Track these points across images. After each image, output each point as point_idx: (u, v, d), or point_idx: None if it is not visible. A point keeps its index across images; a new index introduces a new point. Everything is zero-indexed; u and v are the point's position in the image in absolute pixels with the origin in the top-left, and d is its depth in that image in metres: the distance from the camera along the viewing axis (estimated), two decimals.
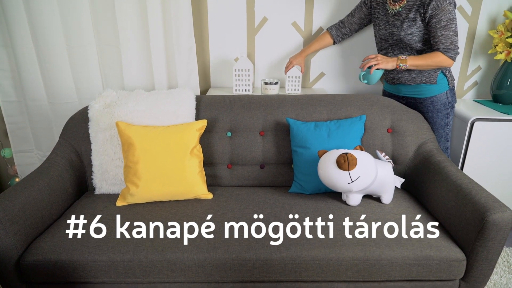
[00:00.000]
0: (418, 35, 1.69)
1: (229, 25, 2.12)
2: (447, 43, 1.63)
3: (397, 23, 1.72)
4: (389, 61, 1.69)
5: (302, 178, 1.66)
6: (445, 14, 1.59)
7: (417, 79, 1.78)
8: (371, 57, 1.71)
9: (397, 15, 1.72)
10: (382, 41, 1.84)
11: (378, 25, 1.82)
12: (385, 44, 1.82)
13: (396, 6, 1.71)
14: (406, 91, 1.86)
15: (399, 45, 1.76)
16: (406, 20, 1.68)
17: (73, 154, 1.70)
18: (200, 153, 1.64)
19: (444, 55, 1.65)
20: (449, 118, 1.83)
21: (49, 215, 1.45)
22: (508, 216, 1.25)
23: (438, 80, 1.76)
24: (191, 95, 1.76)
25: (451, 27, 1.61)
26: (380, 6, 1.81)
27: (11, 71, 2.02)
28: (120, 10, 1.86)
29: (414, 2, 1.66)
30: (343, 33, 1.98)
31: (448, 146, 1.88)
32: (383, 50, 1.85)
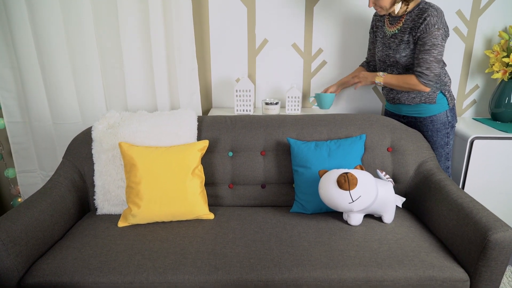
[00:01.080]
0: (412, 57, 1.72)
1: (231, 46, 2.17)
2: (424, 67, 1.65)
3: (393, 45, 1.77)
4: (368, 77, 1.86)
5: (303, 197, 1.66)
6: (431, 39, 1.62)
7: (416, 99, 1.80)
8: (355, 77, 1.91)
9: (393, 37, 1.76)
10: (380, 63, 1.88)
11: (378, 47, 1.87)
12: (383, 66, 1.86)
13: (393, 29, 1.76)
14: (406, 111, 1.88)
15: (396, 66, 1.80)
16: (402, 43, 1.72)
17: (76, 175, 1.72)
18: (201, 173, 1.65)
19: (417, 79, 1.69)
20: (449, 137, 1.84)
21: (51, 236, 1.46)
22: (510, 235, 1.25)
23: (437, 99, 1.78)
24: (193, 115, 1.78)
25: (433, 52, 1.63)
26: (379, 29, 1.86)
27: (17, 93, 2.07)
28: (124, 33, 1.92)
29: (408, 25, 1.70)
30: (373, 66, 2.05)
31: (449, 166, 1.89)
32: (382, 71, 1.89)
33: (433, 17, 1.61)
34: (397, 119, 1.96)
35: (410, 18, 1.69)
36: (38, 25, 1.87)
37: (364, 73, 1.87)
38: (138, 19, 1.92)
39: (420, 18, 1.64)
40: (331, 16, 2.10)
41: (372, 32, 1.94)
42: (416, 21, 1.66)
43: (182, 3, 1.89)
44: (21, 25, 1.86)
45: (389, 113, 2.02)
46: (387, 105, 2.03)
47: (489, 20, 2.10)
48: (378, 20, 1.88)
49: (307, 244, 1.42)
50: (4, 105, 2.07)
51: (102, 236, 1.48)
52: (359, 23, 2.11)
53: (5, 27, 1.92)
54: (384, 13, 1.74)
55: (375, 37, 1.92)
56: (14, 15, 1.84)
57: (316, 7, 2.09)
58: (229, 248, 1.40)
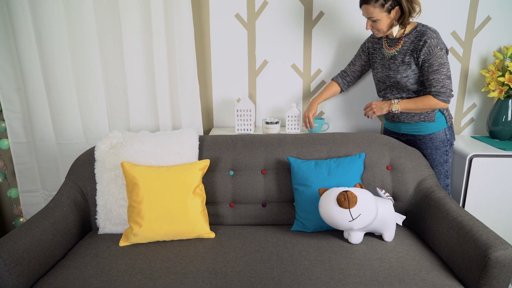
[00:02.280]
0: (413, 77, 1.76)
1: (231, 67, 2.22)
2: (438, 86, 1.70)
3: (393, 66, 1.80)
4: (383, 107, 1.84)
5: (304, 216, 1.67)
6: (437, 59, 1.67)
7: (415, 117, 1.84)
8: (367, 107, 1.89)
9: (393, 59, 1.80)
10: (380, 83, 1.91)
11: (376, 68, 1.90)
12: (383, 86, 1.90)
13: (392, 50, 1.80)
14: (406, 129, 1.91)
15: (396, 86, 1.83)
16: (402, 64, 1.76)
17: (79, 194, 1.73)
18: (202, 192, 1.67)
19: (435, 99, 1.72)
20: (448, 155, 1.86)
21: (52, 255, 1.46)
22: (510, 253, 1.25)
23: (436, 118, 1.82)
24: (194, 135, 1.81)
25: (443, 71, 1.68)
26: (377, 51, 1.90)
27: (22, 113, 2.11)
28: (128, 55, 1.97)
29: (408, 47, 1.74)
30: (348, 81, 2.07)
31: (448, 183, 1.90)
32: (381, 91, 1.92)
33: (433, 39, 1.66)
34: (396, 138, 1.98)
35: (409, 40, 1.73)
36: (44, 49, 1.93)
37: (377, 102, 1.87)
38: (141, 41, 1.98)
39: (420, 40, 1.68)
40: (329, 37, 2.16)
41: (367, 53, 1.97)
42: (416, 43, 1.70)
43: (184, 25, 1.95)
44: (28, 48, 1.92)
45: (388, 131, 2.05)
46: (386, 124, 2.06)
47: (483, 40, 2.15)
48: (375, 42, 1.91)
49: (308, 263, 1.42)
50: (10, 126, 2.11)
51: (103, 256, 1.49)
52: (356, 44, 2.16)
53: (13, 51, 1.98)
54: (381, 36, 1.79)
55: (372, 59, 1.94)
56: (21, 40, 1.90)
57: (314, 29, 2.15)
58: (230, 267, 1.40)
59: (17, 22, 1.87)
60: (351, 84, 2.10)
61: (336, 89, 2.09)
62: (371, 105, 1.87)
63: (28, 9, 1.86)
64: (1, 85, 2.04)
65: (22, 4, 1.84)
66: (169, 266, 1.42)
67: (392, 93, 1.87)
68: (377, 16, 1.68)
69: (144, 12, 1.94)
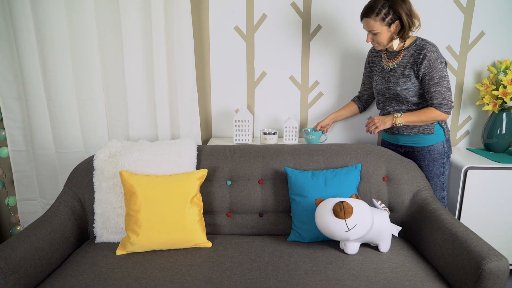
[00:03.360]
0: (413, 90, 1.79)
1: (230, 78, 2.25)
2: (440, 98, 1.73)
3: (392, 78, 1.83)
4: (386, 121, 1.83)
5: (300, 226, 1.68)
6: (437, 72, 1.70)
7: (414, 130, 1.86)
8: (369, 122, 1.86)
9: (392, 71, 1.83)
10: (379, 95, 1.94)
11: (375, 80, 1.93)
12: (382, 98, 1.92)
13: (391, 63, 1.83)
14: (404, 141, 1.93)
15: (395, 98, 1.85)
16: (402, 76, 1.79)
17: (77, 203, 1.74)
18: (200, 201, 1.68)
19: (438, 110, 1.75)
20: (445, 167, 1.88)
21: (49, 264, 1.46)
22: (504, 264, 1.26)
23: (435, 130, 1.84)
24: (192, 145, 1.83)
25: (443, 83, 1.72)
26: (376, 64, 1.93)
27: (22, 122, 2.13)
28: (128, 65, 2.00)
29: (408, 60, 1.77)
30: (365, 100, 2.12)
31: (444, 196, 1.92)
32: (380, 103, 1.95)
33: (432, 53, 1.69)
34: (395, 149, 2.00)
35: (409, 53, 1.77)
36: (46, 58, 1.96)
37: (380, 117, 1.86)
38: (142, 52, 2.01)
39: (420, 54, 1.72)
40: (326, 50, 2.20)
41: (368, 67, 2.00)
42: (415, 57, 1.74)
43: (184, 37, 1.99)
44: (29, 57, 1.95)
45: (386, 143, 2.06)
46: (384, 135, 2.07)
47: (478, 55, 2.19)
48: (374, 55, 1.95)
49: (304, 273, 1.43)
50: (9, 135, 2.13)
51: (100, 264, 1.49)
52: (353, 56, 2.20)
53: (15, 59, 2.01)
54: (381, 49, 1.83)
55: (371, 72, 1.98)
56: (23, 49, 1.93)
57: (312, 42, 2.19)
58: (226, 277, 1.41)
59: (20, 31, 1.91)
60: (369, 103, 2.15)
61: (353, 108, 2.14)
62: (373, 120, 1.85)
63: (31, 18, 1.90)
64: (3, 94, 2.07)
65: (25, 14, 1.88)
66: (166, 275, 1.42)
67: (391, 105, 1.89)
68: (377, 30, 1.72)
69: (145, 23, 1.98)
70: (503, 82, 2.01)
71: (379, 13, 1.68)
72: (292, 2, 2.14)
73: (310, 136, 2.07)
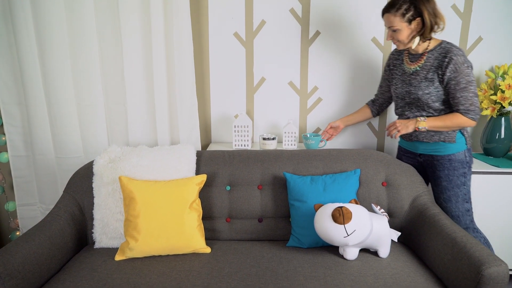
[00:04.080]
0: (435, 95, 1.70)
1: (230, 84, 2.26)
2: (467, 104, 1.65)
3: (414, 82, 1.75)
4: (408, 125, 1.73)
5: (300, 231, 1.68)
6: (464, 77, 1.63)
7: (435, 137, 1.76)
8: (390, 125, 1.77)
9: (414, 74, 1.75)
10: (398, 99, 1.85)
11: (395, 84, 1.85)
12: (402, 103, 1.83)
13: (414, 66, 1.75)
14: (423, 149, 1.83)
15: (416, 103, 1.77)
16: (424, 80, 1.71)
17: (76, 208, 1.74)
18: (199, 207, 1.68)
19: (464, 117, 1.66)
20: (466, 177, 1.76)
21: (48, 269, 1.46)
22: (503, 270, 1.26)
23: (456, 138, 1.75)
24: (192, 150, 1.84)
25: (470, 88, 1.64)
26: (397, 67, 1.85)
27: (22, 127, 2.14)
28: (128, 70, 2.01)
29: (432, 64, 1.69)
30: (379, 104, 2.05)
31: (469, 208, 1.78)
32: (399, 108, 1.87)
33: (459, 57, 1.62)
34: (412, 157, 1.91)
35: (433, 56, 1.69)
36: (46, 64, 1.97)
37: (402, 121, 1.76)
38: (141, 57, 2.03)
39: (445, 57, 1.65)
40: (325, 55, 2.21)
41: (388, 70, 1.93)
42: (440, 60, 1.66)
43: (184, 43, 2.00)
44: (30, 63, 1.96)
45: (404, 150, 1.96)
46: (401, 142, 1.97)
47: (476, 60, 2.20)
48: (395, 58, 1.88)
49: (303, 278, 1.42)
50: (10, 140, 2.13)
51: (99, 270, 1.49)
52: (352, 62, 2.21)
53: (16, 65, 2.02)
54: (403, 48, 1.74)
55: (391, 75, 1.90)
56: (24, 55, 1.94)
57: (311, 48, 2.21)
58: (225, 283, 1.41)
59: (20, 37, 1.92)
60: (383, 107, 2.08)
61: (366, 111, 2.08)
62: (395, 123, 1.75)
63: (32, 24, 1.91)
64: (3, 99, 2.08)
65: (25, 20, 1.90)
66: (164, 281, 1.42)
67: (411, 111, 1.80)
68: (397, 26, 1.66)
69: (145, 29, 1.99)
70: (501, 87, 2.02)
71: (399, 8, 1.62)
72: (291, 8, 2.16)
73: (309, 141, 2.07)
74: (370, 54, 2.21)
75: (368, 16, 2.15)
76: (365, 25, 2.17)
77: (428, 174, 1.88)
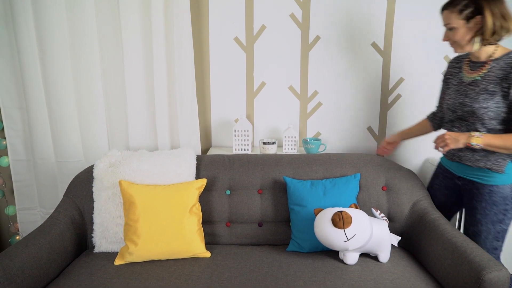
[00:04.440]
0: (494, 111, 1.45)
1: (230, 89, 2.27)
2: None
3: (471, 93, 1.51)
4: (459, 139, 1.46)
5: (300, 236, 1.67)
6: None
7: (481, 163, 1.51)
8: (438, 138, 1.51)
9: (473, 85, 1.52)
10: (449, 112, 1.61)
11: (449, 94, 1.62)
12: (452, 116, 1.60)
13: (473, 75, 1.52)
14: (465, 173, 1.59)
15: (468, 118, 1.52)
16: (483, 92, 1.47)
17: (76, 212, 1.74)
18: (199, 211, 1.68)
19: None
20: (506, 215, 1.51)
21: (47, 274, 1.46)
22: (504, 275, 1.25)
23: (506, 169, 1.49)
24: (192, 154, 1.84)
25: None
26: (454, 76, 1.64)
27: (23, 131, 2.14)
28: (128, 75, 2.02)
29: (496, 74, 1.45)
30: (440, 117, 1.78)
31: (497, 247, 1.55)
32: (448, 122, 1.64)
33: None
34: (450, 178, 1.69)
35: (498, 66, 1.45)
36: (47, 68, 1.98)
37: (452, 133, 1.49)
38: (142, 62, 2.03)
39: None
40: (325, 60, 2.22)
41: (444, 80, 1.71)
42: (507, 71, 1.42)
43: (185, 48, 2.01)
44: (31, 67, 1.96)
45: (443, 168, 1.74)
46: (443, 160, 1.75)
47: None
48: (454, 66, 1.66)
49: (303, 283, 1.42)
50: (10, 144, 2.14)
51: (98, 275, 1.48)
52: (352, 66, 2.22)
53: (17, 69, 2.03)
54: (460, 51, 1.54)
55: (446, 85, 1.68)
56: (25, 59, 1.95)
57: (311, 52, 2.21)
58: (225, 287, 1.40)
59: (22, 41, 1.93)
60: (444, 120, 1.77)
61: (426, 125, 1.85)
62: (443, 136, 1.49)
63: (33, 29, 1.92)
64: (4, 103, 2.08)
65: (27, 24, 1.90)
66: (164, 285, 1.41)
67: (460, 127, 1.56)
68: (453, 24, 1.47)
69: (145, 34, 2.00)
70: None
71: (457, 4, 1.45)
72: (291, 13, 2.17)
73: (310, 145, 2.08)
74: (370, 59, 2.21)
75: (368, 21, 2.16)
76: (365, 30, 2.17)
77: (464, 201, 1.65)
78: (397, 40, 2.19)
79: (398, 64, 2.22)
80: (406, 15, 2.15)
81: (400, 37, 2.18)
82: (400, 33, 2.18)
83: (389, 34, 2.18)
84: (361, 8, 2.15)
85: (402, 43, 2.19)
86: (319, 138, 2.17)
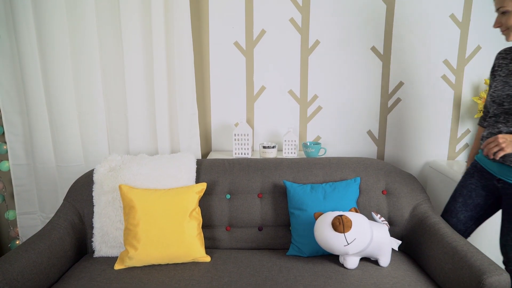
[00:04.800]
0: None
1: (230, 93, 2.28)
2: None
3: None
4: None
5: (300, 240, 1.67)
6: None
7: None
8: (490, 141, 1.35)
9: None
10: (494, 105, 1.47)
11: (495, 86, 1.49)
12: (497, 110, 1.46)
13: None
14: (505, 174, 1.45)
15: None
16: None
17: (76, 217, 1.74)
18: (199, 215, 1.68)
19: None
20: None
21: (47, 279, 1.45)
22: (505, 279, 1.25)
23: None
24: (192, 159, 1.84)
25: None
26: (502, 67, 1.50)
27: (23, 136, 2.14)
28: (129, 80, 2.03)
29: None
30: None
31: None
32: (492, 117, 1.50)
33: None
34: (489, 179, 1.54)
35: None
36: (48, 73, 1.98)
37: (507, 136, 1.32)
38: (142, 67, 2.04)
39: None
40: (325, 64, 2.23)
41: (492, 73, 1.58)
42: None
43: (185, 52, 2.02)
44: (32, 72, 1.97)
45: (479, 167, 1.58)
46: (480, 158, 1.60)
47: (475, 68, 2.21)
48: (503, 57, 1.53)
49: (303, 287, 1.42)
50: (11, 148, 2.14)
51: (98, 279, 1.48)
52: (351, 70, 2.23)
53: (18, 74, 2.04)
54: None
55: (493, 77, 1.55)
56: (26, 64, 1.96)
57: (311, 57, 2.22)
58: None
59: (23, 47, 1.93)
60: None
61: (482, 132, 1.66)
62: (496, 139, 1.32)
63: (34, 34, 1.93)
64: (5, 108, 2.09)
65: (28, 30, 1.91)
66: None
67: (506, 123, 1.41)
68: (507, 7, 1.32)
69: (146, 38, 2.01)
70: None
71: None
72: (291, 18, 2.18)
73: (310, 149, 2.08)
74: (370, 63, 2.22)
75: (367, 25, 2.17)
76: (364, 34, 2.19)
77: (503, 205, 1.51)
78: (396, 44, 2.20)
79: (397, 68, 2.23)
80: (405, 19, 2.16)
81: (399, 42, 2.19)
82: (399, 38, 2.19)
83: (389, 39, 2.19)
84: (360, 12, 2.16)
85: (401, 47, 2.20)
86: (319, 142, 2.17)
